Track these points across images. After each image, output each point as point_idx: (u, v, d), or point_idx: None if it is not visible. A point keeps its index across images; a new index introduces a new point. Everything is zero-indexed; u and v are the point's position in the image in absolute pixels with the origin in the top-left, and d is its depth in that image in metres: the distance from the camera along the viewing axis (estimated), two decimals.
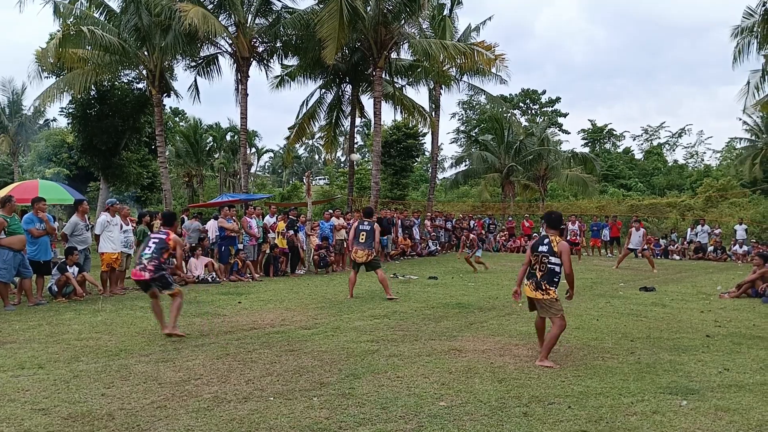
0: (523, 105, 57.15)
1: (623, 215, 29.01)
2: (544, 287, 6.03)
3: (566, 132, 57.75)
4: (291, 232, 15.09)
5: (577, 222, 22.03)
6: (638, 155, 53.03)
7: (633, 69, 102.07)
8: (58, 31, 19.93)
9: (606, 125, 54.28)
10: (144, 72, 22.40)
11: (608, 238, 23.96)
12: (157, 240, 7.33)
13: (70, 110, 25.47)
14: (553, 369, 5.70)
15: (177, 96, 24.59)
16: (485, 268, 16.40)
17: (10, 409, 4.41)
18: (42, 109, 36.09)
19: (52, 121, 46.05)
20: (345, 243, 16.75)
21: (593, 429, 4.13)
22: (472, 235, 16.52)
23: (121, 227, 11.23)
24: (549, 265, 6.04)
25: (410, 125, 34.11)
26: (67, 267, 10.25)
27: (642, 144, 55.58)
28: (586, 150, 47.54)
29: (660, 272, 16.36)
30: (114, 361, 5.88)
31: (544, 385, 5.17)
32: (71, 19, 20.43)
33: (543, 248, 6.12)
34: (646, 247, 18.54)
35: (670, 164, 51.24)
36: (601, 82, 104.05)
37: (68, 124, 28.36)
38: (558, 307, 6.04)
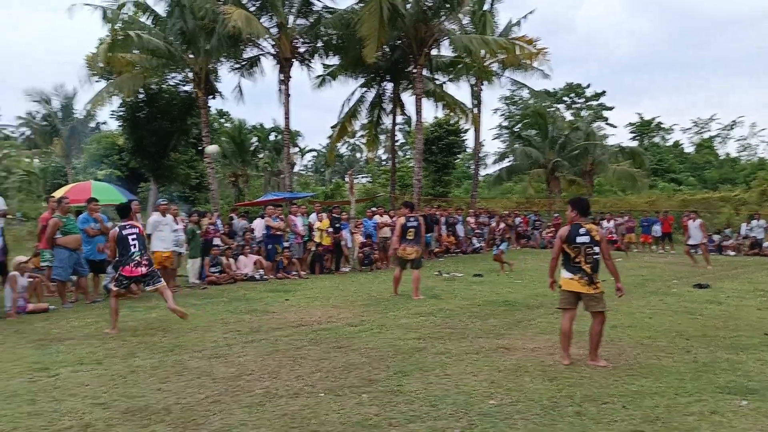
0: (567, 99, 56.02)
1: (674, 210, 28.15)
2: (596, 280, 5.79)
3: (613, 126, 56.30)
4: (331, 229, 15.15)
5: (612, 220, 21.41)
6: (689, 149, 51.42)
7: (680, 60, 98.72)
8: (107, 36, 20.53)
9: (654, 118, 52.78)
10: (190, 74, 22.88)
11: (659, 234, 23.31)
12: (134, 235, 7.56)
13: (120, 113, 26.22)
14: (607, 368, 5.57)
15: (222, 97, 25.07)
16: (509, 267, 14.88)
17: (71, 404, 4.57)
18: (93, 112, 37.24)
19: (102, 124, 47.57)
20: (388, 241, 16.80)
21: (649, 429, 4.04)
22: (502, 225, 16.00)
23: (172, 226, 11.51)
24: (595, 256, 5.78)
25: (451, 122, 33.89)
26: None
27: (692, 137, 53.83)
28: (634, 144, 46.29)
29: (714, 269, 15.80)
30: (169, 356, 6.04)
31: (596, 384, 5.07)
32: (119, 24, 21.02)
33: (583, 238, 5.78)
34: (704, 240, 17.64)
35: (722, 157, 49.47)
36: (647, 74, 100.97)
37: (119, 126, 29.22)
38: (604, 299, 5.84)
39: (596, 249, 5.77)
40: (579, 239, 5.80)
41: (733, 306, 9.47)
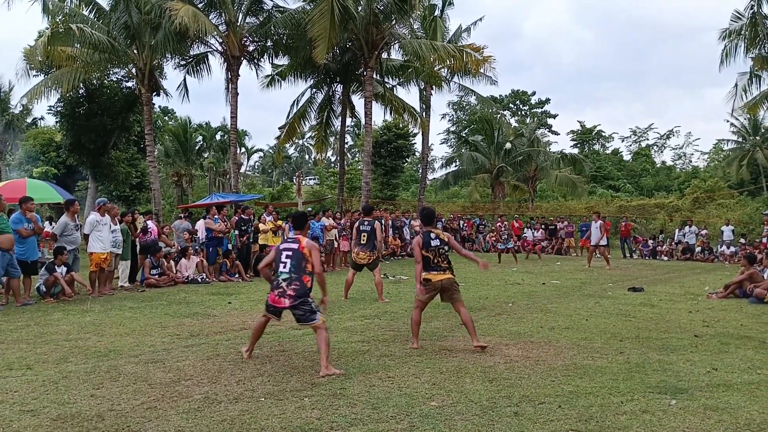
0: (512, 106, 57.32)
1: (612, 216, 29.18)
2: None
3: (556, 133, 58.06)
4: (237, 232, 14.35)
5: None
6: (627, 156, 53.43)
7: (621, 71, 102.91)
8: (47, 28, 19.80)
9: (595, 126, 54.60)
10: (133, 70, 22.28)
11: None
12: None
13: (59, 108, 25.28)
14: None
15: (166, 95, 24.48)
16: None
17: None
18: (30, 107, 35.70)
19: (39, 119, 45.66)
20: (335, 243, 16.74)
21: (583, 428, 4.15)
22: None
23: (110, 227, 11.15)
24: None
25: (400, 125, 34.15)
26: (56, 267, 10.17)
27: (630, 145, 55.99)
28: (575, 151, 47.77)
29: (648, 273, 16.47)
30: (103, 361, 5.85)
31: (534, 384, 5.19)
32: (60, 17, 20.28)
33: (435, 242, 6.61)
34: (604, 242, 18.17)
35: (658, 165, 51.59)
36: (589, 84, 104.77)
37: (56, 122, 28.17)
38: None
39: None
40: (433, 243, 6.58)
41: (665, 309, 9.85)
